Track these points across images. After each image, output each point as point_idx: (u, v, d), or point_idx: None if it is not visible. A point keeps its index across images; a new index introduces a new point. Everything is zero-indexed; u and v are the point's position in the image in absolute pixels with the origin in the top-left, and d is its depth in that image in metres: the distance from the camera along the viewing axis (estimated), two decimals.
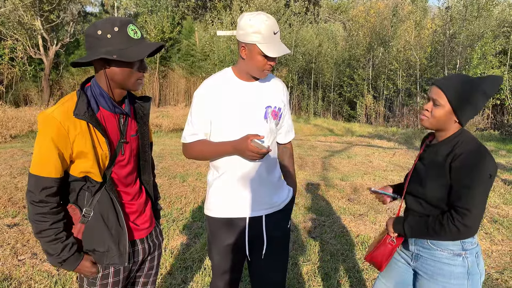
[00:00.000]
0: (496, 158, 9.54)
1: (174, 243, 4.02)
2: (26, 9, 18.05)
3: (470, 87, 1.65)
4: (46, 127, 1.44)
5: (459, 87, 1.65)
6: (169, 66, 23.65)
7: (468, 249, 1.70)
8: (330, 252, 3.91)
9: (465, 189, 1.60)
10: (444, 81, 1.69)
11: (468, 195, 1.59)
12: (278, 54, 1.81)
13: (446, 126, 1.73)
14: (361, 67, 22.32)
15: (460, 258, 1.70)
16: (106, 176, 1.58)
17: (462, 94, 1.64)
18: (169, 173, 7.14)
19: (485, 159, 1.61)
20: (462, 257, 1.70)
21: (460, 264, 1.69)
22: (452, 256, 1.70)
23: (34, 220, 1.49)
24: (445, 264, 1.71)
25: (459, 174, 1.62)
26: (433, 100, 1.71)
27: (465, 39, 17.64)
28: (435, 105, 1.70)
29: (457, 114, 1.68)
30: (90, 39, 1.48)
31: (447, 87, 1.67)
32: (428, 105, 1.74)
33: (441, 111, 1.69)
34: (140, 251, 1.76)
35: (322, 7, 28.12)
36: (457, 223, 1.60)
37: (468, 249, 1.70)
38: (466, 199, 1.59)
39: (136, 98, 1.74)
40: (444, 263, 1.72)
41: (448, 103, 1.67)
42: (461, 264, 1.69)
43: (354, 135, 16.04)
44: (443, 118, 1.70)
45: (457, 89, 1.65)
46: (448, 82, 1.68)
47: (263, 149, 1.78)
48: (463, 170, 1.61)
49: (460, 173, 1.61)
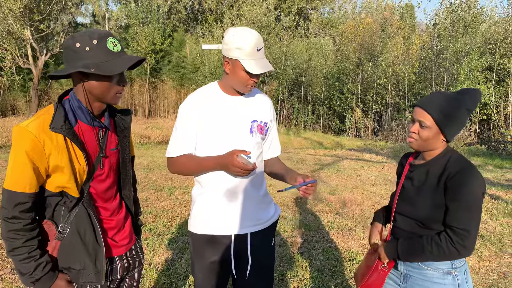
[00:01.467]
0: (483, 173, 9.62)
1: (158, 259, 3.94)
2: (15, 19, 17.92)
3: (454, 105, 1.64)
4: (20, 140, 1.39)
5: (443, 106, 1.64)
6: (160, 78, 23.61)
7: (457, 267, 1.69)
8: (317, 267, 3.87)
9: (463, 210, 1.59)
10: (427, 102, 1.67)
11: (466, 216, 1.58)
12: (260, 71, 1.79)
13: (434, 146, 1.72)
14: (350, 81, 22.53)
15: (450, 276, 1.68)
16: (83, 191, 1.53)
17: (447, 113, 1.63)
18: (156, 186, 7.05)
19: (478, 177, 1.60)
20: (452, 276, 1.68)
21: (450, 283, 1.68)
22: (442, 275, 1.69)
23: (7, 237, 1.43)
24: (436, 283, 1.69)
25: (455, 193, 1.60)
26: (419, 121, 1.69)
27: (452, 55, 17.94)
28: (421, 126, 1.68)
29: (444, 133, 1.67)
30: (68, 52, 1.44)
31: (431, 107, 1.65)
32: (414, 128, 1.71)
33: (429, 132, 1.67)
34: (119, 268, 1.70)
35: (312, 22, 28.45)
36: (457, 245, 1.59)
37: (458, 267, 1.69)
38: (465, 220, 1.58)
39: (117, 111, 1.70)
40: (435, 282, 1.70)
41: (435, 124, 1.65)
42: (451, 283, 1.68)
43: (344, 148, 16.10)
44: (431, 139, 1.69)
45: (441, 109, 1.64)
46: (431, 102, 1.66)
47: (249, 165, 1.74)
48: (459, 189, 1.59)
49: (457, 192, 1.60)
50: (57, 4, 19.71)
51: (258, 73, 1.81)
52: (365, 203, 6.38)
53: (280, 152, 2.21)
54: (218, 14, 27.04)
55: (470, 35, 18.02)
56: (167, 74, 23.63)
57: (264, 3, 22.36)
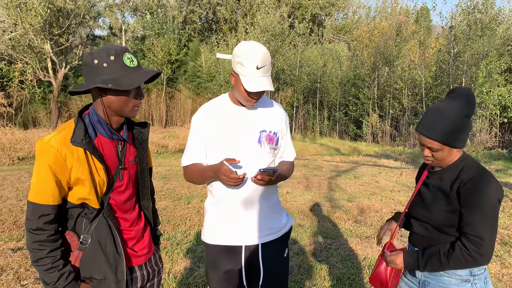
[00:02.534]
0: (505, 177, 9.41)
1: (177, 267, 3.97)
2: (36, 33, 18.46)
3: (453, 120, 1.63)
4: (43, 154, 1.44)
5: (444, 126, 1.63)
6: (176, 87, 23.91)
7: (476, 275, 1.67)
8: (336, 276, 3.84)
9: (477, 217, 1.58)
10: (427, 127, 1.66)
11: (480, 222, 1.58)
12: (254, 90, 1.78)
13: (452, 159, 1.73)
14: (366, 86, 22.36)
15: (468, 284, 1.66)
16: (103, 203, 1.57)
17: (450, 131, 1.63)
18: (174, 195, 7.12)
19: (492, 184, 1.60)
20: (470, 283, 1.66)
21: None
22: (460, 282, 1.67)
23: (32, 248, 1.48)
24: None
25: (468, 201, 1.60)
26: (428, 148, 1.70)
27: (470, 57, 17.65)
28: (433, 150, 1.69)
29: (455, 146, 1.67)
30: (87, 68, 1.49)
31: (434, 133, 1.64)
32: (426, 152, 1.72)
33: (442, 153, 1.69)
34: (139, 278, 1.73)
35: (326, 28, 28.45)
36: (472, 253, 1.58)
37: (477, 274, 1.67)
38: (478, 227, 1.58)
39: (135, 124, 1.75)
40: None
41: (443, 145, 1.66)
42: None
43: (361, 154, 15.96)
44: (447, 157, 1.71)
45: (443, 130, 1.63)
46: (431, 127, 1.65)
47: (233, 174, 1.74)
48: (472, 196, 1.59)
49: (470, 200, 1.60)
50: (76, 18, 20.23)
51: (252, 92, 1.81)
52: (383, 210, 6.31)
53: (292, 158, 2.18)
54: (233, 23, 27.28)
55: (488, 37, 17.71)
56: (183, 83, 23.91)
57: (277, 11, 22.48)
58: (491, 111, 18.54)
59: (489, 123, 19.34)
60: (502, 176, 9.59)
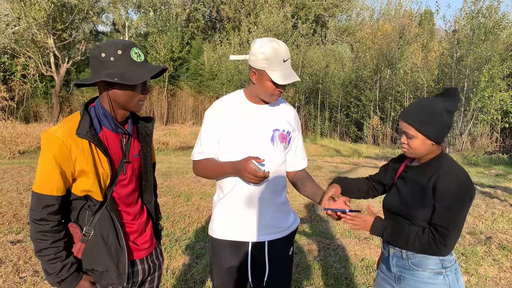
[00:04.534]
0: (505, 182, 9.42)
1: (176, 264, 3.98)
2: (39, 28, 18.47)
3: (432, 111, 1.70)
4: (48, 145, 1.46)
5: (422, 115, 1.71)
6: (178, 85, 23.91)
7: (447, 267, 1.76)
8: (334, 276, 3.85)
9: (447, 210, 1.67)
10: (408, 113, 1.74)
11: (449, 216, 1.67)
12: (286, 82, 1.83)
13: (426, 151, 1.78)
14: (368, 88, 22.35)
15: (441, 276, 1.75)
16: (107, 195, 1.59)
17: (428, 120, 1.70)
18: (173, 192, 7.14)
19: (466, 182, 1.69)
20: (442, 275, 1.75)
21: (441, 283, 1.75)
22: (433, 275, 1.75)
23: (35, 238, 1.49)
24: (428, 283, 1.76)
25: (442, 196, 1.68)
26: (405, 133, 1.77)
27: (472, 62, 17.63)
28: (408, 137, 1.76)
29: (430, 139, 1.73)
30: (94, 61, 1.51)
31: (411, 119, 1.72)
32: (403, 139, 1.80)
33: (416, 142, 1.74)
34: (140, 272, 1.74)
35: (330, 29, 28.43)
36: (438, 242, 1.67)
37: (448, 266, 1.76)
38: (447, 220, 1.67)
39: (139, 119, 1.76)
40: (426, 283, 1.76)
41: (418, 132, 1.72)
42: (443, 282, 1.75)
43: (361, 156, 15.97)
44: (420, 147, 1.76)
45: (421, 118, 1.70)
46: (411, 113, 1.73)
47: (260, 172, 1.77)
48: (446, 192, 1.67)
49: (443, 195, 1.67)
50: (79, 13, 20.25)
51: (284, 84, 1.85)
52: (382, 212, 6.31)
53: (306, 164, 2.20)
54: (236, 22, 27.25)
55: (491, 42, 17.69)
56: (185, 81, 23.92)
57: (281, 11, 22.48)
58: (492, 115, 18.54)
59: (490, 127, 19.34)
60: (502, 181, 9.60)
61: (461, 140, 17.95)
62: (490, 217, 6.05)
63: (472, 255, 4.44)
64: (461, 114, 18.00)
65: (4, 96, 18.24)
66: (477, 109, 17.78)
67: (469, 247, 4.71)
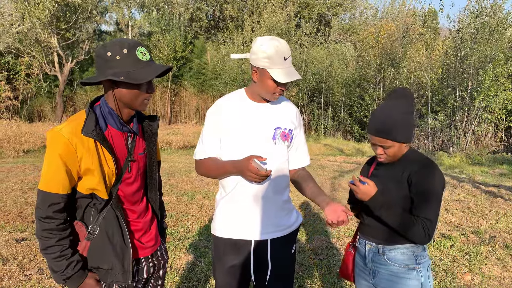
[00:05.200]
0: (509, 181, 9.38)
1: (179, 262, 3.99)
2: (43, 27, 18.53)
3: (399, 118, 1.79)
4: (54, 144, 1.46)
5: (392, 125, 1.78)
6: (181, 84, 23.94)
7: (421, 263, 1.84)
8: (337, 274, 3.85)
9: (426, 202, 1.76)
10: (377, 127, 1.81)
11: (428, 207, 1.76)
12: (287, 80, 1.84)
13: (402, 153, 1.88)
14: (371, 87, 22.31)
15: (414, 271, 1.83)
16: (112, 194, 1.59)
17: (398, 128, 1.79)
18: (177, 191, 7.15)
19: (438, 173, 1.79)
20: (416, 271, 1.83)
21: (414, 277, 1.82)
22: (407, 270, 1.83)
23: (41, 236, 1.50)
24: (401, 278, 1.83)
25: (418, 188, 1.78)
26: (380, 146, 1.85)
27: (477, 61, 17.55)
28: (385, 148, 1.84)
29: (404, 141, 1.83)
30: (100, 60, 1.51)
31: (384, 132, 1.79)
32: (379, 151, 1.87)
33: (393, 149, 1.84)
34: (145, 270, 1.75)
35: (333, 28, 28.36)
36: (425, 230, 1.74)
37: (421, 262, 1.84)
38: (428, 211, 1.75)
39: (145, 117, 1.77)
40: (400, 277, 1.84)
41: (395, 141, 1.81)
42: (415, 277, 1.82)
43: (365, 155, 15.94)
44: (398, 151, 1.85)
45: (391, 128, 1.78)
46: (381, 127, 1.80)
47: (262, 171, 1.78)
48: (422, 184, 1.77)
49: (420, 187, 1.77)
50: (83, 13, 20.30)
51: (285, 82, 1.85)
52: None
53: (309, 161, 2.20)
54: (239, 21, 27.24)
55: (496, 41, 17.61)
56: (188, 80, 23.94)
57: (284, 10, 22.44)
58: (496, 115, 18.46)
59: (494, 127, 19.25)
60: (506, 180, 9.56)
61: (465, 139, 17.87)
62: (494, 216, 6.03)
63: (476, 255, 4.43)
64: (465, 113, 17.93)
65: (8, 95, 18.31)
66: (481, 108, 17.69)
67: (473, 246, 4.70)
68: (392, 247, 1.86)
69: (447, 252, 4.53)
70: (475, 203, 6.88)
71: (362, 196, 1.80)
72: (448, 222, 5.75)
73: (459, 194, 7.63)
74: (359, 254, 2.03)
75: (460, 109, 18.35)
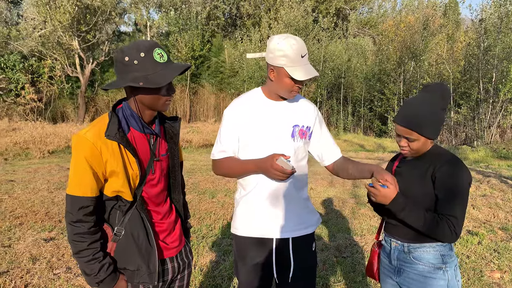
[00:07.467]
0: None
1: (203, 260, 4.02)
2: (64, 30, 18.94)
3: (430, 112, 1.74)
4: (79, 148, 1.48)
5: (422, 118, 1.73)
6: (199, 83, 24.10)
7: (448, 262, 1.78)
8: (361, 272, 3.81)
9: (453, 199, 1.70)
10: (406, 118, 1.76)
11: (455, 204, 1.70)
12: (305, 77, 1.83)
13: (426, 149, 1.84)
14: (391, 81, 21.96)
15: (440, 271, 1.77)
16: (136, 195, 1.61)
17: (428, 123, 1.74)
18: (198, 189, 7.20)
19: (463, 169, 1.73)
20: (442, 270, 1.77)
21: (440, 277, 1.76)
22: (433, 269, 1.77)
23: (73, 240, 1.52)
24: (427, 277, 1.78)
25: (444, 185, 1.72)
26: (405, 137, 1.80)
27: (501, 51, 17.07)
28: (410, 140, 1.79)
29: (430, 137, 1.78)
30: (119, 65, 1.52)
31: (412, 124, 1.74)
32: (403, 143, 1.82)
33: (418, 143, 1.79)
34: (170, 270, 1.76)
35: (351, 22, 28.02)
36: (451, 228, 1.69)
37: (448, 262, 1.78)
38: (454, 208, 1.69)
39: (166, 118, 1.78)
40: (426, 277, 1.78)
41: (421, 136, 1.76)
42: (442, 277, 1.76)
43: (386, 150, 15.73)
44: (422, 147, 1.81)
45: (421, 122, 1.73)
46: (410, 118, 1.75)
47: (288, 169, 1.78)
48: (447, 181, 1.71)
49: (445, 184, 1.72)
50: (102, 14, 20.65)
51: (303, 80, 1.83)
52: None
53: (340, 153, 2.18)
54: (256, 18, 27.22)
55: None
56: (207, 79, 24.08)
57: (301, 6, 22.29)
58: None
59: None
60: None
61: (489, 132, 17.42)
62: None
63: (504, 251, 4.31)
64: (490, 106, 17.47)
65: (33, 97, 18.80)
66: (506, 101, 17.21)
67: (501, 243, 4.58)
68: (418, 246, 1.82)
69: (474, 249, 4.42)
70: (502, 198, 6.69)
71: (382, 200, 1.76)
72: (474, 218, 5.61)
73: (485, 189, 7.44)
74: (384, 252, 2.00)
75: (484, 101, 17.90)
